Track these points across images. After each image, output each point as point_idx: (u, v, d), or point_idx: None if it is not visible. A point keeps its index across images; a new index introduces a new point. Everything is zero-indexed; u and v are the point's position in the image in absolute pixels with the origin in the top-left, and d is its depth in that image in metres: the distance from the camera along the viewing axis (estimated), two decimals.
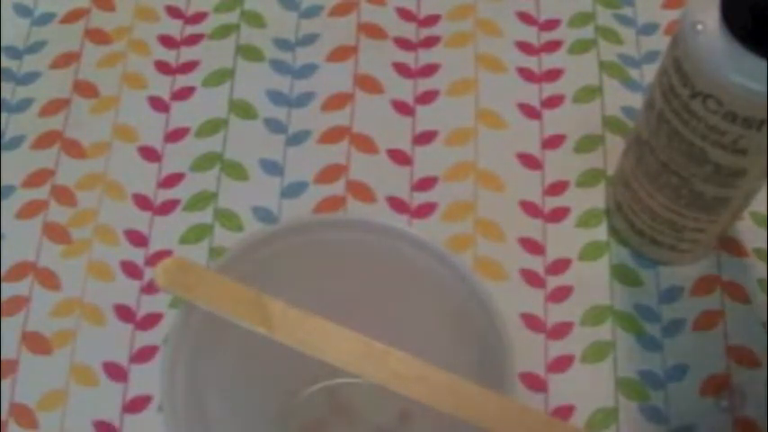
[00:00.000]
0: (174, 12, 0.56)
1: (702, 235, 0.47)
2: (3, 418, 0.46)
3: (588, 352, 0.47)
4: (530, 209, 0.51)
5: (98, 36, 0.55)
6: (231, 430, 0.41)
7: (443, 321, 0.42)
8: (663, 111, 0.42)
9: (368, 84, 0.54)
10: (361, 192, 0.51)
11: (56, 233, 0.50)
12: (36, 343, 0.47)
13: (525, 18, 0.56)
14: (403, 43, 0.55)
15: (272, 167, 0.51)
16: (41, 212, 0.50)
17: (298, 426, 0.45)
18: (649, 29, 0.55)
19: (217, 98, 0.53)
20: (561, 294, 0.49)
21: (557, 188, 0.51)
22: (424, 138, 0.52)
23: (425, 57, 0.55)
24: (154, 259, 0.49)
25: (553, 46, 0.55)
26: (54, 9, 0.56)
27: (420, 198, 0.51)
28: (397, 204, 0.51)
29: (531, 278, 0.49)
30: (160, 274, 0.38)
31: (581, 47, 0.55)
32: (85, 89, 0.54)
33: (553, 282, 0.49)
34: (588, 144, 0.52)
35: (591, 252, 0.50)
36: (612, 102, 0.53)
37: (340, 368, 0.38)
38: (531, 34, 0.55)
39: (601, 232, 0.50)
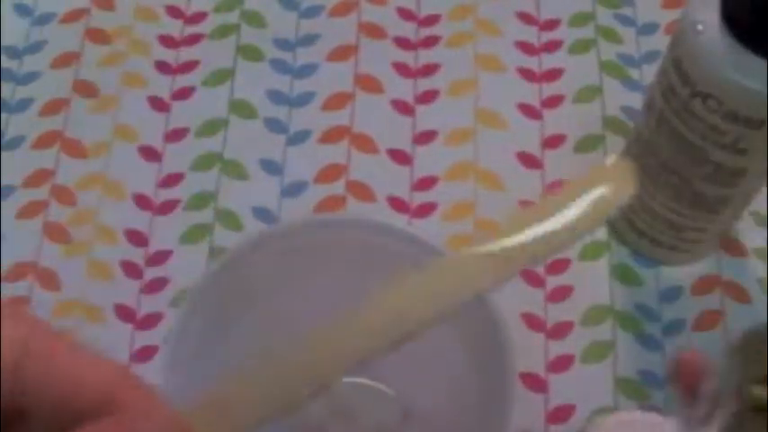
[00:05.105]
0: (174, 12, 0.56)
1: (703, 235, 0.47)
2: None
3: (588, 352, 0.47)
4: None
5: (98, 36, 0.55)
6: None
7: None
8: (663, 111, 0.42)
9: (368, 83, 0.54)
10: (361, 192, 0.51)
11: (56, 233, 0.50)
12: None
13: (525, 18, 0.56)
14: (403, 43, 0.55)
15: (272, 167, 0.51)
16: (41, 212, 0.50)
17: (298, 426, 0.45)
18: (649, 29, 0.55)
19: (217, 98, 0.53)
20: (561, 294, 0.49)
21: (557, 188, 0.51)
22: (424, 138, 0.52)
23: (425, 56, 0.55)
24: (154, 259, 0.49)
25: (553, 46, 0.55)
26: (54, 9, 0.56)
27: (420, 198, 0.51)
28: (397, 204, 0.51)
29: (531, 278, 0.49)
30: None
31: (581, 47, 0.55)
32: (85, 89, 0.54)
33: (553, 281, 0.49)
34: (588, 144, 0.52)
35: (591, 252, 0.49)
36: (612, 102, 0.53)
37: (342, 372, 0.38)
38: (531, 34, 0.55)
39: (601, 232, 0.50)
